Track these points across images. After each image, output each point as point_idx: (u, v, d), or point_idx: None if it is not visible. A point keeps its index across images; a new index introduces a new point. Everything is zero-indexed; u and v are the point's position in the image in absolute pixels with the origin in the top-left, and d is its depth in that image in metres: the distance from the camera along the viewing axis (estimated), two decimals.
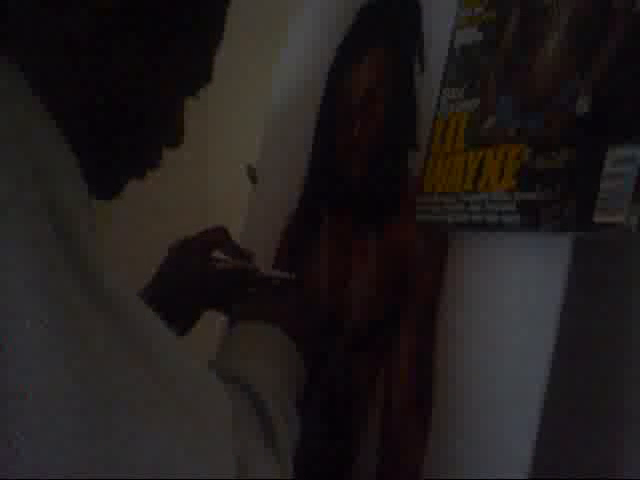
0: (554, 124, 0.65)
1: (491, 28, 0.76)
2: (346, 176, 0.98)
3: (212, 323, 1.20)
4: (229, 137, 1.56)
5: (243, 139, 1.33)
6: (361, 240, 0.96)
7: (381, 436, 0.86)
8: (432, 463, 0.78)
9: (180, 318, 0.73)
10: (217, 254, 0.93)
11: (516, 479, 0.66)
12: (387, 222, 0.92)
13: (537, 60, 0.69)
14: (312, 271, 1.03)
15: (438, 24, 0.86)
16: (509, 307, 0.72)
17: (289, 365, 0.74)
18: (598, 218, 0.59)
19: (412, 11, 0.93)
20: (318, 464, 0.95)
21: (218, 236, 0.94)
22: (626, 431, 0.72)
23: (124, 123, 0.58)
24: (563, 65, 0.66)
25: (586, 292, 0.71)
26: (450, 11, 0.83)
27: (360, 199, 0.97)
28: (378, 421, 0.87)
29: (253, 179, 1.20)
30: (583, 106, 0.61)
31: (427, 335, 0.82)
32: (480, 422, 0.73)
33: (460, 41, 0.80)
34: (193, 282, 0.90)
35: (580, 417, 0.74)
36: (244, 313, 0.82)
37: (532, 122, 0.68)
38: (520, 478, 0.66)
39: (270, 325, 0.77)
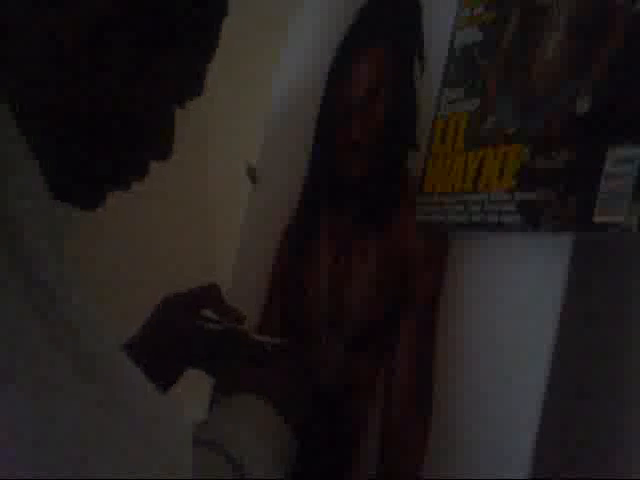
0: (554, 124, 0.65)
1: (491, 28, 0.76)
2: (346, 176, 0.98)
3: None
4: (229, 137, 1.56)
5: (243, 139, 1.33)
6: (361, 240, 0.96)
7: (381, 436, 0.86)
8: (432, 463, 0.78)
9: (160, 375, 0.72)
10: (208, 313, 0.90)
11: (516, 479, 0.66)
12: (387, 222, 0.91)
13: (537, 60, 0.69)
14: (312, 271, 1.02)
15: (438, 24, 0.86)
16: (509, 307, 0.72)
17: (276, 441, 0.73)
18: (598, 218, 0.58)
19: (412, 11, 0.92)
20: (318, 464, 0.94)
21: (210, 294, 0.91)
22: (626, 430, 0.72)
23: (108, 135, 0.57)
24: (563, 65, 0.66)
25: (586, 292, 0.71)
26: (450, 11, 0.83)
27: (360, 199, 0.97)
28: (378, 421, 0.86)
29: (253, 179, 1.20)
30: (583, 106, 0.61)
31: (427, 335, 0.82)
32: (480, 422, 0.73)
33: (460, 41, 0.80)
34: (177, 340, 0.86)
35: (580, 417, 0.74)
36: (231, 384, 0.81)
37: (532, 122, 0.68)
38: (520, 478, 0.66)
39: (259, 400, 0.75)
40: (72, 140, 0.55)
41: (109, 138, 0.57)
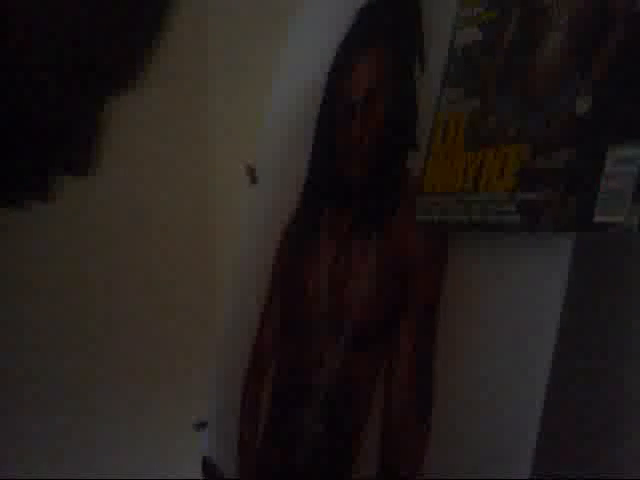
0: (554, 124, 0.64)
1: (491, 28, 0.75)
2: (346, 176, 0.97)
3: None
4: (229, 137, 1.55)
5: (243, 139, 1.33)
6: (361, 240, 0.95)
7: (381, 436, 0.86)
8: (432, 463, 0.77)
9: None
10: None
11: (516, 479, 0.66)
12: (387, 222, 0.91)
13: (537, 60, 0.69)
14: (312, 271, 1.02)
15: (438, 24, 0.86)
16: (509, 307, 0.72)
17: None
18: (598, 218, 0.58)
19: (412, 11, 0.92)
20: (318, 464, 0.94)
21: None
22: (626, 430, 0.71)
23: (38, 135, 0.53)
24: (563, 65, 0.66)
25: (586, 292, 0.71)
26: (450, 11, 0.83)
27: (360, 199, 0.96)
28: (378, 421, 0.86)
29: (253, 179, 1.20)
30: (583, 106, 0.61)
31: (427, 335, 0.81)
32: (480, 422, 0.72)
33: (460, 41, 0.80)
34: None
35: (580, 417, 0.74)
36: None
37: (532, 122, 0.67)
38: (520, 478, 0.66)
39: None
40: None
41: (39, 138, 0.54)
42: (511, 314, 0.71)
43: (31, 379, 1.07)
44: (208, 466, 1.16)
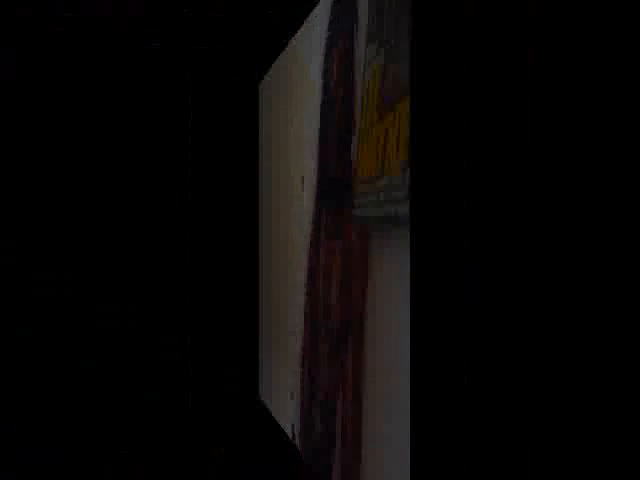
0: None
1: None
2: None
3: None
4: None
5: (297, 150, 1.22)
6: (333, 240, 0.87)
7: (341, 437, 0.81)
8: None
9: None
10: None
11: None
12: (341, 222, 0.80)
13: None
14: (313, 271, 0.97)
15: None
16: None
17: None
18: None
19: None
20: (319, 464, 0.89)
21: None
22: None
23: None
24: None
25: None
26: None
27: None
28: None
29: (302, 186, 1.12)
30: None
31: (361, 339, 0.72)
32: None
33: None
34: None
35: None
36: None
37: None
38: None
39: None
40: None
41: None
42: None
43: None
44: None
